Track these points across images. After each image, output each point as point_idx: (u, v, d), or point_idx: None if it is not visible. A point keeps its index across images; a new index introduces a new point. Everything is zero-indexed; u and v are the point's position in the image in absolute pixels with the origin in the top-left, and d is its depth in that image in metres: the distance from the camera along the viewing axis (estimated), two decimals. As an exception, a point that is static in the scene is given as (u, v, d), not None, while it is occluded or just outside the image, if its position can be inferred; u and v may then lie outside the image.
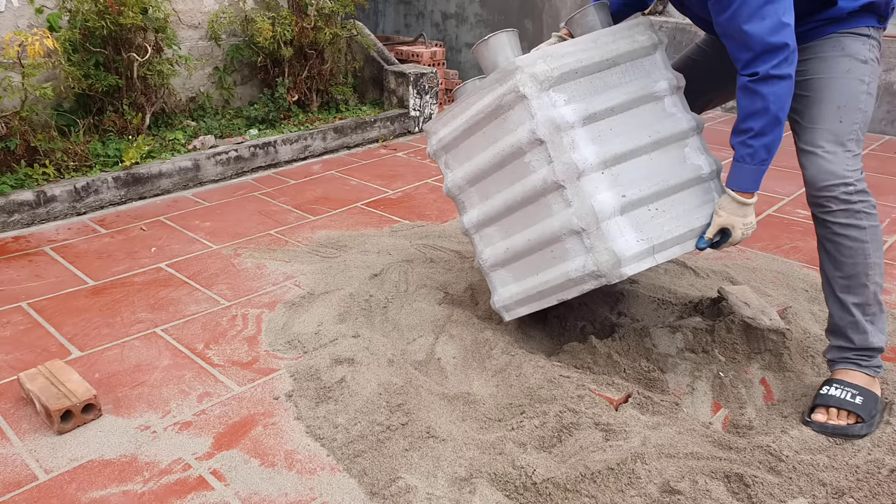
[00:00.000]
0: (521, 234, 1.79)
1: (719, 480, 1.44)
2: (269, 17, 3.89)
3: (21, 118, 2.95)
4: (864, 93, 1.61)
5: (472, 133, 1.85)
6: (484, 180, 1.85)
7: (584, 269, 1.66)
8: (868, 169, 3.61)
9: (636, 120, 1.72)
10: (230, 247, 2.68)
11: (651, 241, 1.65)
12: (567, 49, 1.71)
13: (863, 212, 1.58)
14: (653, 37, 1.79)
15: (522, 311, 1.86)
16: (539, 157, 1.68)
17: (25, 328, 2.10)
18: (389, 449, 1.55)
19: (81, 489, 1.48)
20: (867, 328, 1.61)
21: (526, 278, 1.82)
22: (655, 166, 1.72)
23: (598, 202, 1.64)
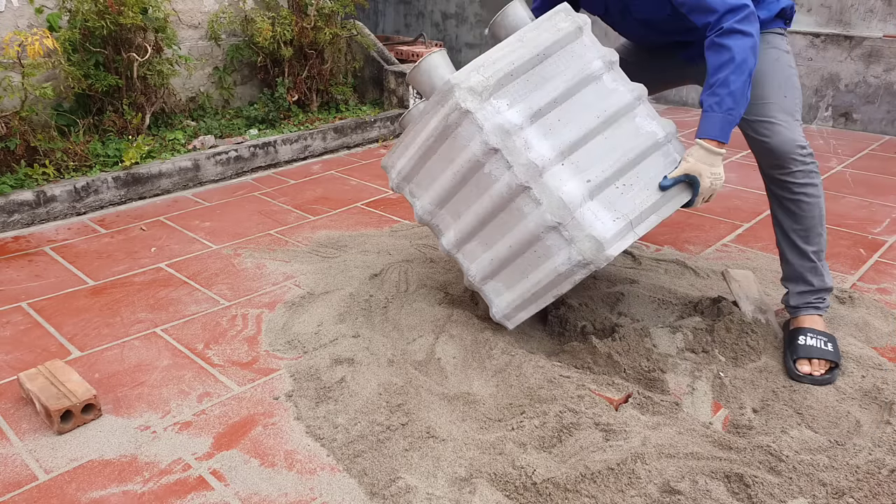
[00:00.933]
0: (501, 243, 1.79)
1: (719, 480, 1.44)
2: (269, 17, 3.89)
3: (21, 118, 2.95)
4: (794, 75, 1.89)
5: (427, 158, 1.86)
6: (452, 200, 1.86)
7: (570, 261, 1.67)
8: (868, 169, 3.62)
9: (581, 104, 1.75)
10: (230, 247, 2.68)
11: (627, 217, 1.68)
12: (497, 54, 1.74)
13: (815, 171, 1.83)
14: (575, 20, 1.81)
15: (523, 316, 1.86)
16: (498, 165, 1.70)
17: (25, 328, 2.10)
18: (389, 449, 1.55)
19: (81, 489, 1.48)
20: (822, 271, 1.91)
21: (517, 284, 1.82)
22: (612, 143, 1.74)
23: (565, 194, 1.66)
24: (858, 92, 4.39)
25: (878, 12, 4.33)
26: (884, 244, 2.71)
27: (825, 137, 4.30)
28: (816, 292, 1.92)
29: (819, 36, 4.47)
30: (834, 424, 1.64)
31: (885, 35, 4.28)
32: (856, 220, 2.95)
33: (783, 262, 1.95)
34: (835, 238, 2.76)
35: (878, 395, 1.72)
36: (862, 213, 3.02)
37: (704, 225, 2.90)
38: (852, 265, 2.53)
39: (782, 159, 1.81)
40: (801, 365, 1.81)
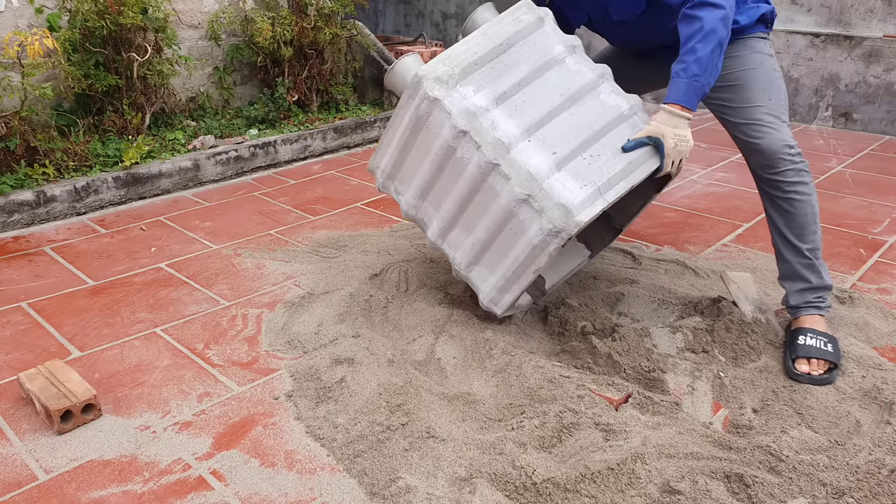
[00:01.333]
0: (480, 225, 1.84)
1: (719, 480, 1.44)
2: (269, 17, 3.89)
3: (21, 118, 2.95)
4: (778, 77, 1.94)
5: (406, 153, 1.93)
6: (432, 191, 1.92)
7: (542, 230, 1.71)
8: (868, 169, 3.62)
9: (545, 85, 1.82)
10: (230, 247, 2.68)
11: (595, 184, 1.71)
12: (462, 48, 1.82)
13: (805, 170, 1.87)
14: (536, 12, 1.89)
15: (509, 299, 1.87)
16: (468, 146, 1.77)
17: (25, 328, 2.10)
18: (389, 449, 1.55)
19: (81, 489, 1.48)
20: (820, 269, 1.93)
21: (499, 265, 1.85)
22: (577, 119, 1.79)
23: (532, 167, 1.71)
24: (858, 92, 4.39)
25: (878, 12, 4.33)
26: (884, 244, 2.71)
27: (825, 137, 4.30)
28: (815, 290, 1.94)
29: (819, 36, 4.47)
30: (834, 424, 1.64)
31: (885, 35, 4.28)
32: (856, 220, 2.95)
33: (779, 260, 1.98)
34: (835, 238, 2.76)
35: (878, 395, 1.72)
36: (862, 213, 3.02)
37: (704, 225, 2.90)
38: (852, 265, 2.53)
39: (772, 160, 1.85)
40: (799, 364, 1.82)
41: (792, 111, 4.67)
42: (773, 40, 1.99)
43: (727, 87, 1.92)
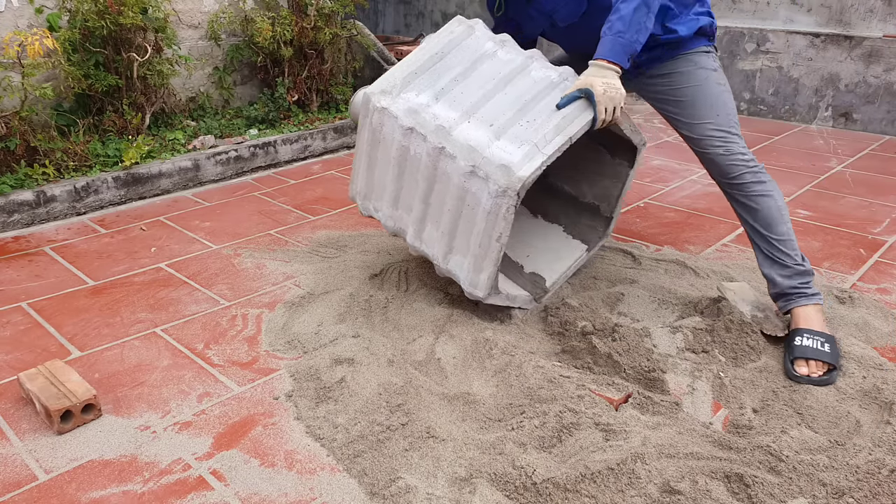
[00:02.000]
0: (444, 213, 1.92)
1: (719, 480, 1.44)
2: (269, 17, 3.89)
3: (21, 118, 2.95)
4: (724, 91, 2.01)
5: (373, 169, 2.07)
6: (401, 197, 2.03)
7: (490, 194, 1.78)
8: (868, 169, 3.62)
9: (480, 76, 1.95)
10: (230, 247, 2.68)
11: (532, 141, 1.80)
12: (402, 64, 2.01)
13: (761, 172, 1.98)
14: (466, 23, 2.05)
15: (484, 277, 1.91)
16: (417, 141, 1.90)
17: (25, 328, 2.10)
18: (389, 449, 1.55)
19: (81, 489, 1.48)
20: (795, 256, 1.98)
21: (468, 245, 1.91)
22: (511, 96, 1.91)
23: (473, 140, 1.83)
24: (858, 92, 4.40)
25: (878, 12, 4.33)
26: (884, 244, 2.71)
27: (825, 137, 4.30)
28: (799, 275, 1.97)
29: (819, 36, 4.47)
30: (834, 424, 1.64)
31: (885, 35, 4.28)
32: (856, 220, 2.95)
33: (757, 252, 2.04)
34: (835, 238, 2.76)
35: (879, 395, 1.72)
36: (862, 213, 3.02)
37: (704, 225, 2.90)
38: (852, 265, 2.53)
39: (728, 170, 1.97)
40: (798, 366, 1.83)
41: (792, 111, 4.68)
42: (716, 52, 2.10)
43: (676, 103, 2.02)
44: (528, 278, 2.22)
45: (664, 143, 4.15)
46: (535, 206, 2.45)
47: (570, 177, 2.34)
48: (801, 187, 3.37)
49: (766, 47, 4.67)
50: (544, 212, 2.41)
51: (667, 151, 3.98)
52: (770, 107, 4.76)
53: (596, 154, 2.22)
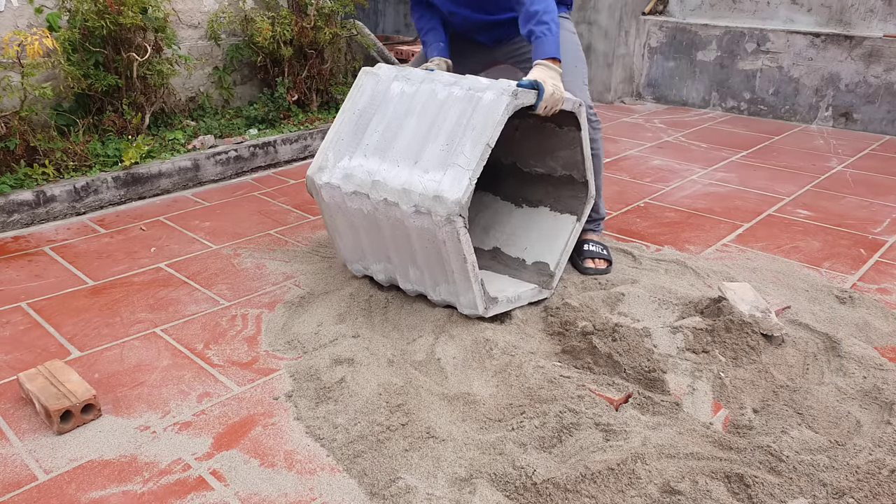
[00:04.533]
0: (415, 253, 2.00)
1: (719, 481, 1.44)
2: (269, 17, 3.88)
3: (20, 118, 2.95)
4: (579, 49, 2.37)
5: (346, 236, 2.18)
6: (378, 251, 2.12)
7: (439, 226, 1.85)
8: (868, 169, 3.62)
9: (395, 118, 2.05)
10: (230, 247, 2.68)
11: (454, 163, 1.87)
12: (328, 135, 2.14)
13: (598, 127, 2.34)
14: (370, 72, 2.18)
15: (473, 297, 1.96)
16: (363, 201, 2.00)
17: (25, 328, 2.10)
18: (389, 449, 1.55)
19: (81, 489, 1.48)
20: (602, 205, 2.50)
21: (446, 275, 1.98)
22: (425, 126, 1.98)
23: (405, 181, 1.91)
24: (859, 92, 4.39)
25: (879, 12, 4.33)
26: (884, 244, 2.71)
27: (825, 137, 4.30)
28: (596, 221, 2.50)
29: (819, 36, 4.47)
30: (834, 424, 1.64)
31: (886, 35, 4.28)
32: (856, 220, 2.95)
33: None
34: (835, 238, 2.76)
35: (879, 395, 1.72)
36: (862, 213, 3.02)
37: (704, 225, 2.90)
38: (853, 265, 2.52)
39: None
40: (586, 263, 2.38)
41: (792, 111, 4.67)
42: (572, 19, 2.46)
43: None
44: (532, 269, 2.25)
45: (664, 143, 4.15)
46: (517, 197, 2.50)
47: (536, 158, 2.40)
48: (802, 187, 3.36)
49: (766, 47, 4.66)
50: (527, 199, 2.46)
51: (667, 151, 3.98)
52: (770, 107, 4.76)
53: (548, 130, 2.31)
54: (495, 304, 2.00)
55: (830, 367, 1.87)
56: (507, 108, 1.86)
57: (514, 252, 2.33)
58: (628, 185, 3.40)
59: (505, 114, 1.86)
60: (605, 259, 2.40)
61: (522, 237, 2.37)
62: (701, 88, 5.03)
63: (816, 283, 2.33)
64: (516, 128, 2.37)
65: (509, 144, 2.41)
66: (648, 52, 5.22)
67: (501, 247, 2.38)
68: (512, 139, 2.39)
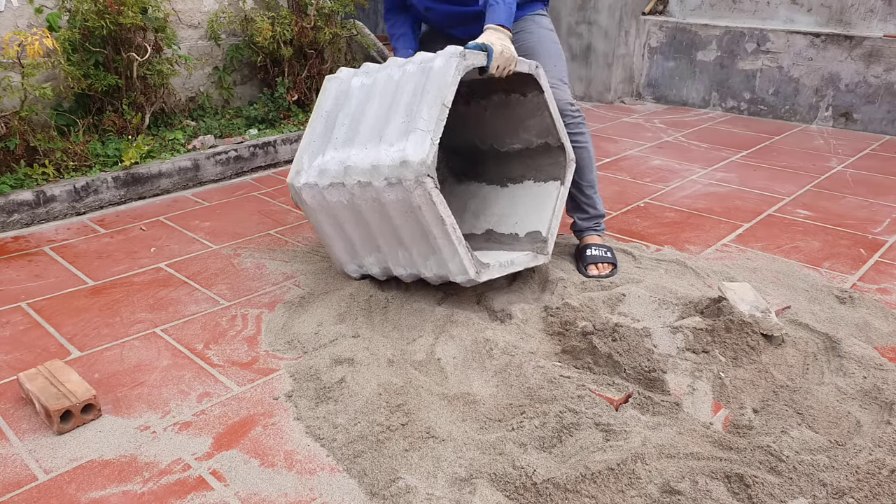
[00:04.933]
0: (400, 230, 2.02)
1: (719, 481, 1.44)
2: (269, 17, 3.89)
3: (20, 118, 2.95)
4: (559, 47, 2.44)
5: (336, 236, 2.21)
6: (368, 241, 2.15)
7: (411, 191, 1.89)
8: (868, 169, 3.62)
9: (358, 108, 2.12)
10: (230, 247, 2.68)
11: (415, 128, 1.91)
12: (304, 139, 2.22)
13: (583, 123, 2.39)
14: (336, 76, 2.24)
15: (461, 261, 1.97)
16: (340, 191, 2.06)
17: (25, 328, 2.10)
18: (389, 449, 1.55)
19: (81, 489, 1.48)
20: (596, 202, 2.49)
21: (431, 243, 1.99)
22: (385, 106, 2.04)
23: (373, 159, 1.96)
24: (859, 92, 4.39)
25: (878, 12, 4.33)
26: (884, 244, 2.71)
27: (825, 137, 4.30)
28: (594, 218, 2.50)
29: (819, 36, 4.47)
30: (834, 424, 1.64)
31: (886, 35, 4.28)
32: (856, 220, 2.95)
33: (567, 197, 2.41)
34: (835, 238, 2.76)
35: (879, 395, 1.72)
36: (862, 213, 3.02)
37: (704, 225, 2.90)
38: (853, 265, 2.52)
39: (563, 111, 2.30)
40: (590, 269, 2.36)
41: (792, 111, 4.67)
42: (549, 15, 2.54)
43: (522, 55, 2.28)
44: (526, 240, 2.28)
45: (664, 143, 4.15)
46: (501, 178, 2.53)
47: (510, 134, 2.44)
48: (802, 187, 3.36)
49: (766, 47, 4.66)
50: (510, 177, 2.50)
51: (667, 151, 3.98)
52: (770, 107, 4.76)
53: (514, 102, 2.35)
54: (487, 269, 2.01)
55: (830, 367, 1.87)
56: (458, 68, 1.92)
57: (507, 229, 2.37)
58: (628, 185, 3.40)
59: (456, 74, 1.91)
60: (610, 262, 2.39)
61: (512, 214, 2.41)
62: (701, 88, 5.04)
63: (816, 283, 2.33)
64: (485, 108, 2.42)
65: (483, 128, 2.48)
66: (648, 52, 5.22)
67: (494, 227, 2.43)
68: (483, 121, 2.46)
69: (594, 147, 2.45)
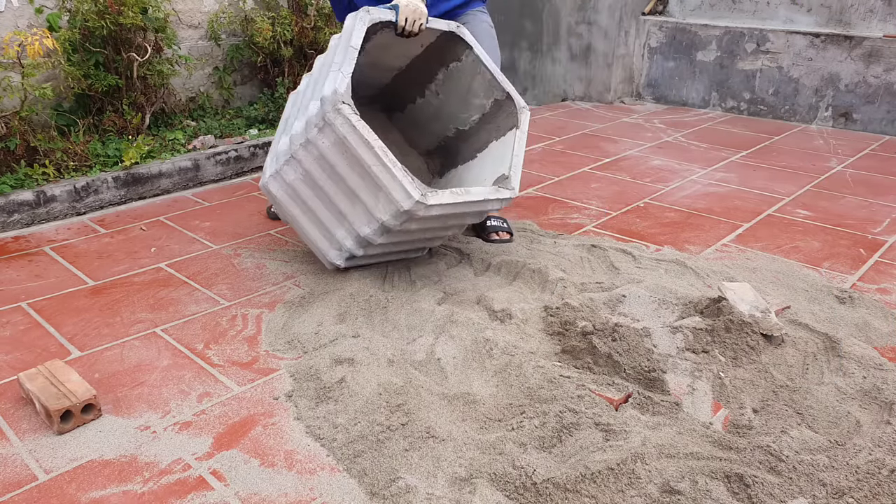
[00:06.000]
0: (347, 178, 2.10)
1: (719, 481, 1.44)
2: (269, 17, 3.89)
3: (21, 118, 2.95)
4: (496, 40, 2.64)
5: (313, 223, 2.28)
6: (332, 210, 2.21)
7: (334, 122, 2.01)
8: (868, 169, 3.62)
9: (301, 96, 2.30)
10: (230, 247, 2.68)
11: (332, 72, 2.08)
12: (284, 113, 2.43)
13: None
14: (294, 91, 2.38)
15: (400, 184, 2.01)
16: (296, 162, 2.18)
17: (25, 328, 2.10)
18: (389, 449, 1.55)
19: (81, 489, 1.48)
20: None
21: (372, 177, 2.05)
22: (322, 74, 2.19)
23: (305, 115, 2.12)
24: (858, 92, 4.40)
25: (878, 12, 4.33)
26: (884, 244, 2.71)
27: (825, 137, 4.30)
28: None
29: (819, 36, 4.47)
30: (834, 424, 1.64)
31: (885, 35, 4.28)
32: (856, 220, 2.95)
33: None
34: (835, 238, 2.76)
35: (879, 395, 1.72)
36: (862, 213, 3.02)
37: (704, 225, 2.90)
38: (852, 265, 2.53)
39: None
40: (492, 236, 2.64)
41: (792, 111, 4.67)
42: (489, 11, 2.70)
43: None
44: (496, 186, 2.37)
45: (664, 144, 4.15)
46: (472, 152, 2.61)
47: (465, 108, 2.55)
48: (801, 187, 3.37)
49: (766, 47, 4.67)
50: (478, 148, 2.59)
51: (667, 151, 3.98)
52: (770, 107, 4.76)
53: (456, 72, 2.50)
54: (436, 194, 2.04)
55: (830, 366, 1.87)
56: (363, 20, 2.14)
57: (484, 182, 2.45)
58: (628, 185, 3.40)
59: (361, 24, 2.13)
60: (507, 231, 2.68)
61: (482, 177, 2.48)
62: (701, 88, 5.04)
63: (816, 283, 2.33)
64: (437, 92, 2.60)
65: (443, 115, 2.63)
66: (648, 52, 5.22)
67: None
68: (441, 108, 2.62)
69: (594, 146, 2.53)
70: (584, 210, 3.06)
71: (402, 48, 2.45)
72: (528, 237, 2.70)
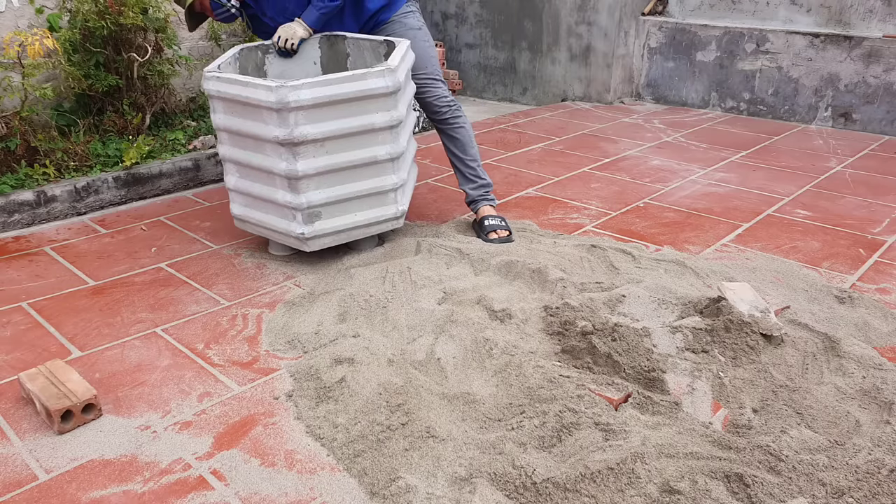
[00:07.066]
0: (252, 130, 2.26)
1: (719, 480, 1.45)
2: (269, 18, 3.88)
3: (21, 118, 2.95)
4: (430, 46, 2.67)
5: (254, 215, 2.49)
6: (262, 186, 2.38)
7: (212, 92, 2.29)
8: (868, 169, 3.63)
9: None
10: (230, 247, 2.68)
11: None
12: None
13: (459, 110, 2.70)
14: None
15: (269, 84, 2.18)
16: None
17: (26, 328, 2.10)
18: (389, 449, 1.55)
19: (81, 489, 1.48)
20: (482, 174, 2.77)
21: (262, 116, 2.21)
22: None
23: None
24: (858, 92, 4.40)
25: (878, 12, 4.34)
26: (883, 244, 2.71)
27: (825, 137, 4.30)
28: (483, 187, 2.76)
29: (819, 36, 4.47)
30: (834, 424, 1.64)
31: (885, 35, 4.28)
32: (855, 220, 2.95)
33: (457, 173, 2.77)
34: (834, 238, 2.76)
35: (878, 395, 1.72)
36: (862, 213, 3.02)
37: (704, 225, 2.90)
38: (852, 265, 2.53)
39: (436, 111, 2.65)
40: (491, 235, 2.64)
41: (792, 111, 4.68)
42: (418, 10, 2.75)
43: None
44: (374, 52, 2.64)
45: (664, 144, 4.15)
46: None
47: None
48: (801, 187, 3.37)
49: (765, 47, 4.67)
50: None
51: (667, 151, 3.99)
52: (770, 107, 4.76)
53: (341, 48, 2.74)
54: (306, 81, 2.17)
55: (830, 366, 1.87)
56: (236, 49, 2.54)
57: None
58: (628, 185, 3.40)
59: (234, 52, 2.51)
60: (506, 229, 2.68)
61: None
62: (700, 89, 5.04)
63: (816, 283, 2.33)
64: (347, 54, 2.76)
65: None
66: (648, 52, 5.22)
67: None
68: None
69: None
70: (584, 210, 3.06)
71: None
72: (527, 237, 2.70)
